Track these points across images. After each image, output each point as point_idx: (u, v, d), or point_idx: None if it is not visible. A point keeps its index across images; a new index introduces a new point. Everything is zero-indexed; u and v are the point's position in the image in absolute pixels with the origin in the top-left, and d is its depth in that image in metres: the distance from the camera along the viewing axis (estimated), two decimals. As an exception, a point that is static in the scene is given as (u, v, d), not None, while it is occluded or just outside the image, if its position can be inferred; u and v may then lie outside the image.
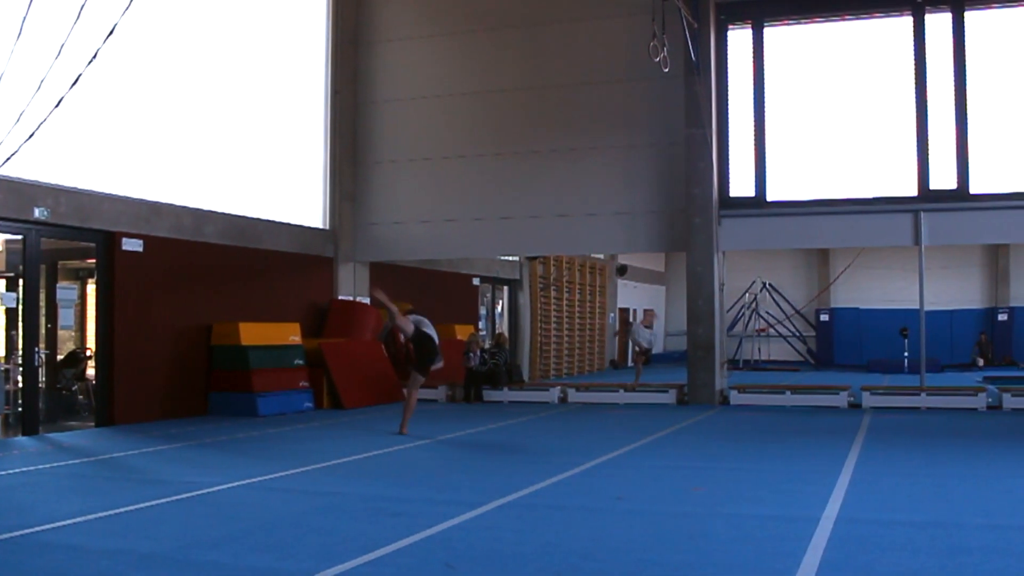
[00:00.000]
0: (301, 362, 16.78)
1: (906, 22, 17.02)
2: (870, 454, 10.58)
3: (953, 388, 17.37)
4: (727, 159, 17.89)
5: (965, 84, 16.59)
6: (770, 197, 17.65)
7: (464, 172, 19.20)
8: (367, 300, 19.78)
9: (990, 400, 16.00)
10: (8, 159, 11.29)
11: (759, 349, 33.57)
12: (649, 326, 23.26)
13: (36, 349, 13.22)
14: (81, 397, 15.27)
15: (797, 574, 5.46)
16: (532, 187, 18.68)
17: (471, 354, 18.42)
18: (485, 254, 22.80)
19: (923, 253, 17.02)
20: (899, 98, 17.00)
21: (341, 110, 19.68)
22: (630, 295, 35.06)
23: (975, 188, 16.54)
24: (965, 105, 16.58)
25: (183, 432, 13.21)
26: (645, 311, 26.29)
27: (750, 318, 33.71)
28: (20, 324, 13.10)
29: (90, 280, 15.27)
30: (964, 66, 16.61)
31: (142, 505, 7.77)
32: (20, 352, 13.09)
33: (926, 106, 16.77)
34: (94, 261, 14.51)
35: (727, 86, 17.99)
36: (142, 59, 15.02)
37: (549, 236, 18.89)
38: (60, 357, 15.17)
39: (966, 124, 16.57)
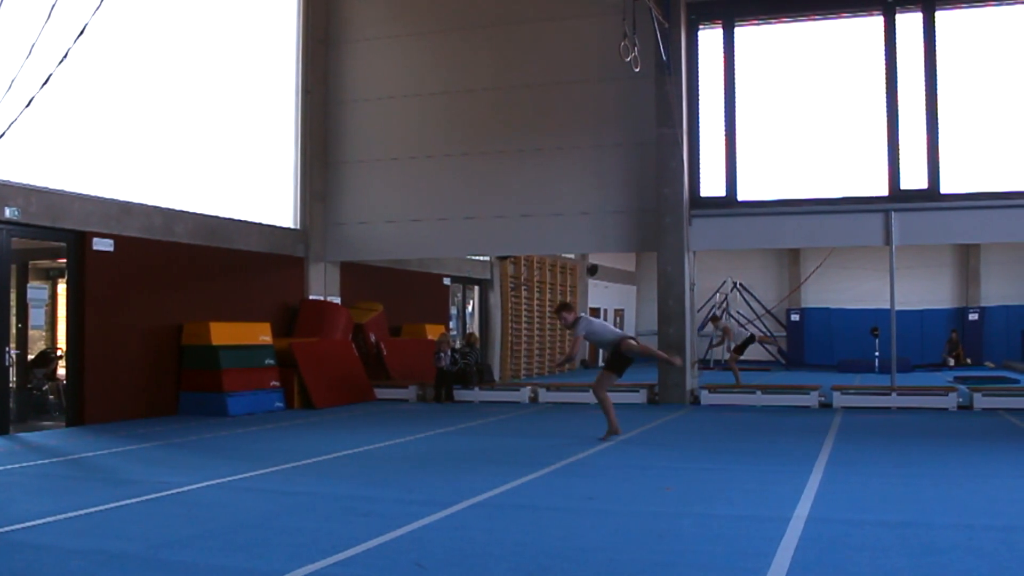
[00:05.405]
0: (272, 362, 16.72)
1: (877, 22, 17.08)
2: (841, 454, 10.63)
3: (924, 388, 17.49)
4: (698, 159, 17.93)
5: (936, 84, 16.68)
6: (741, 197, 17.69)
7: (433, 172, 19.17)
8: (338, 300, 19.78)
9: (960, 400, 16.11)
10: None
11: (729, 349, 33.59)
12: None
13: (7, 349, 13.14)
14: (52, 397, 15.16)
15: (768, 574, 5.48)
16: (502, 187, 18.67)
17: (442, 354, 18.38)
18: (454, 254, 22.76)
19: (894, 253, 17.11)
20: (870, 98, 17.08)
21: (311, 110, 19.61)
22: (601, 295, 35.08)
23: (946, 188, 16.62)
24: (936, 105, 16.66)
25: (153, 432, 13.14)
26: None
27: (721, 317, 33.73)
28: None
29: (61, 280, 15.15)
30: (935, 66, 16.69)
31: (112, 505, 7.71)
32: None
33: (897, 106, 16.85)
34: (65, 261, 14.40)
35: (698, 86, 18.02)
36: (113, 59, 14.92)
37: (519, 236, 18.86)
38: (31, 357, 15.05)
39: (937, 124, 16.65)
